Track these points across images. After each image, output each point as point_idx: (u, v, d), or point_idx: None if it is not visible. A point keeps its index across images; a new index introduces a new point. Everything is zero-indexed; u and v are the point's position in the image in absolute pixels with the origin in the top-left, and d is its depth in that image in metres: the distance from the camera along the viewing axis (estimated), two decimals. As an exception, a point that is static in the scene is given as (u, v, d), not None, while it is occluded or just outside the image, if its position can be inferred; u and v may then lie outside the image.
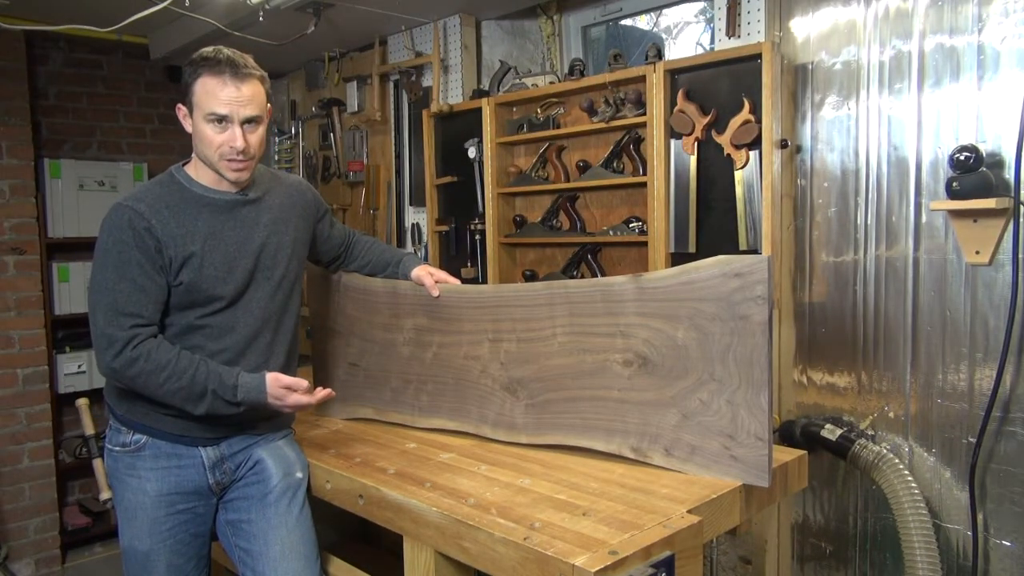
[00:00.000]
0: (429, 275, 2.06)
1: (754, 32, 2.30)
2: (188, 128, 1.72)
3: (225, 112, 1.65)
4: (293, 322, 1.91)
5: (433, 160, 3.18)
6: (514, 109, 2.96)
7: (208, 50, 1.68)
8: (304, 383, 1.75)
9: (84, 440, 3.30)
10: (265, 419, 1.86)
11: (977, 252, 1.94)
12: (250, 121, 1.68)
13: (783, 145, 2.27)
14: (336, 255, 2.16)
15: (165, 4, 2.70)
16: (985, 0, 1.92)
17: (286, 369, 1.87)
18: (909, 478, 2.06)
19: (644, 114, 2.46)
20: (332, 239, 2.11)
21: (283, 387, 1.73)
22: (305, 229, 1.95)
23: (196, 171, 1.76)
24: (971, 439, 1.99)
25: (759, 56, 2.19)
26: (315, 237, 2.03)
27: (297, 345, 1.96)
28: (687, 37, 3.07)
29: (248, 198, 1.79)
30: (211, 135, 1.67)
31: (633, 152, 2.57)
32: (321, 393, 1.79)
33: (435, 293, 2.03)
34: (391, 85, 3.46)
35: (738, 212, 2.28)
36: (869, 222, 2.17)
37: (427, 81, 3.25)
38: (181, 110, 1.72)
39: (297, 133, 3.95)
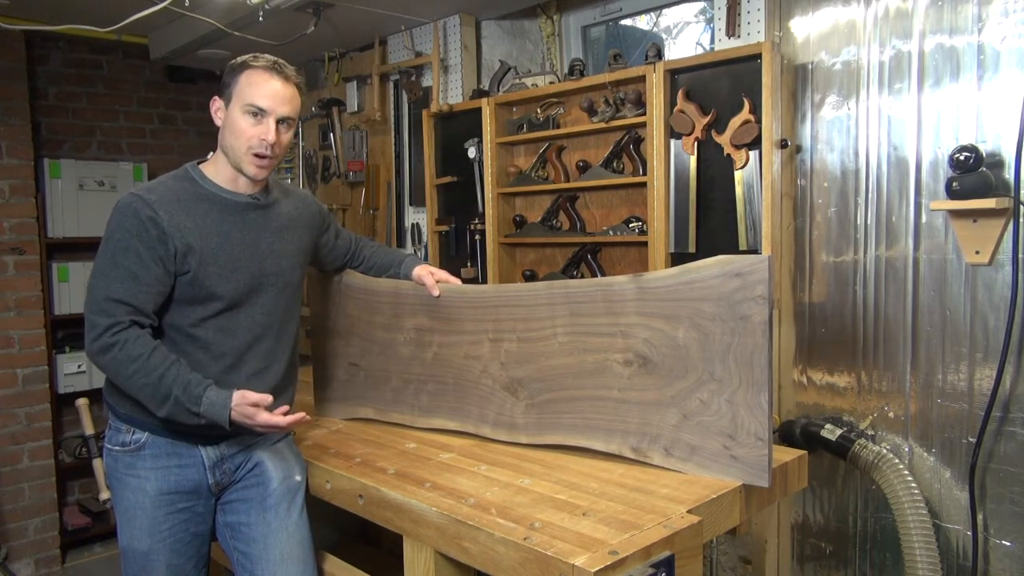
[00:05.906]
0: (430, 274, 2.07)
1: (754, 32, 2.30)
2: (218, 121, 1.74)
3: (265, 105, 1.68)
4: (295, 328, 1.92)
5: (433, 160, 3.18)
6: (514, 109, 2.96)
7: (253, 55, 1.73)
8: (269, 398, 1.66)
9: (84, 440, 3.30)
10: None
11: (977, 252, 1.94)
12: (284, 120, 1.72)
13: (783, 145, 2.27)
14: (341, 264, 2.21)
15: (165, 4, 2.70)
16: (985, 0, 1.92)
17: (288, 373, 1.88)
18: (909, 478, 2.06)
19: (644, 114, 2.46)
20: (337, 248, 2.15)
21: (251, 404, 1.64)
22: (310, 240, 1.98)
23: (215, 169, 1.76)
24: (971, 439, 1.99)
25: (759, 56, 2.19)
26: (319, 248, 2.07)
27: (298, 351, 1.97)
28: (687, 37, 3.07)
29: (259, 202, 1.80)
30: (244, 126, 1.68)
31: (633, 152, 2.57)
32: (293, 417, 1.68)
33: (436, 292, 2.04)
34: (391, 85, 3.46)
35: (738, 212, 2.28)
36: (869, 222, 2.17)
37: (427, 81, 3.25)
38: (216, 102, 1.74)
39: (297, 133, 3.95)
